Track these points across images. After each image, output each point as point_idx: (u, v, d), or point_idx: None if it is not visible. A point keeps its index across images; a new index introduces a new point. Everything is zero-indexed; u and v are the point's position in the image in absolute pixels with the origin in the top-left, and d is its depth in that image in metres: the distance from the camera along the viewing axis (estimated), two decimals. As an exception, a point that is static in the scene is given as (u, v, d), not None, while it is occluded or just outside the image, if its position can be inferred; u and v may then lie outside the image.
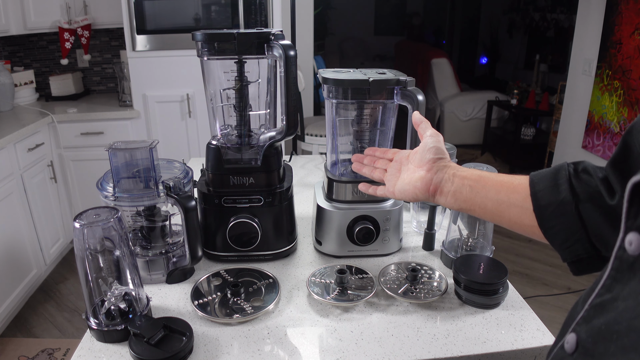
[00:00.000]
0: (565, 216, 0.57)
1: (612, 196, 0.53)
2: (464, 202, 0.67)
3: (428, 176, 0.70)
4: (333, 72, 0.95)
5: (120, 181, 0.86)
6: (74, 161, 2.77)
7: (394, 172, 0.78)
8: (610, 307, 0.37)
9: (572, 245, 0.57)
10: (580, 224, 0.56)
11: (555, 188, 0.58)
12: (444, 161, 0.71)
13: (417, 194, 0.72)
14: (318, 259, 1.01)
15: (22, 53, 3.17)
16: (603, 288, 0.39)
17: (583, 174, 0.57)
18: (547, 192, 0.59)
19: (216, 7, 2.58)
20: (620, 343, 0.35)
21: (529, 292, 2.53)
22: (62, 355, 2.09)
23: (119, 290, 0.76)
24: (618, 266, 0.38)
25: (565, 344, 0.42)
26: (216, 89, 0.98)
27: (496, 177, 0.66)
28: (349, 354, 0.72)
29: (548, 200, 0.58)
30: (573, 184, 0.57)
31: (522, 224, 0.63)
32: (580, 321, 0.41)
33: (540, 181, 0.60)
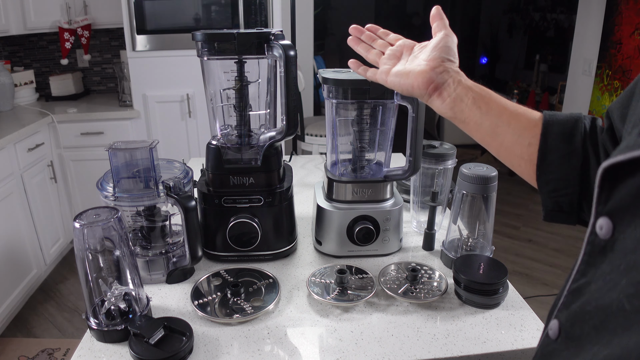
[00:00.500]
0: (568, 168, 0.55)
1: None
2: (460, 112, 0.63)
3: (432, 74, 0.64)
4: (333, 72, 0.95)
5: (120, 181, 0.86)
6: (74, 161, 2.77)
7: (392, 57, 0.72)
8: (585, 291, 0.38)
9: (561, 197, 0.56)
10: (579, 182, 0.54)
11: (569, 137, 0.55)
12: (453, 65, 0.66)
13: (414, 88, 0.66)
14: (318, 259, 1.01)
15: (22, 53, 3.17)
16: (578, 273, 0.40)
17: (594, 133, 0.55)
18: (559, 137, 0.56)
19: (216, 7, 2.58)
20: (591, 323, 0.36)
21: (529, 292, 2.53)
22: (62, 355, 2.09)
23: (119, 290, 0.76)
24: (590, 251, 0.38)
25: (549, 331, 0.42)
26: (216, 89, 0.98)
27: (501, 100, 0.62)
28: (349, 354, 0.72)
29: (557, 145, 0.56)
30: (586, 139, 0.55)
31: (512, 152, 0.61)
32: (561, 307, 0.42)
33: (556, 124, 0.57)
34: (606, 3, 3.06)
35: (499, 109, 0.61)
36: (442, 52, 0.65)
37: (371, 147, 1.01)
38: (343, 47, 7.39)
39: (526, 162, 0.59)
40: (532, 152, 0.58)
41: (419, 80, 0.65)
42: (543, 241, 3.13)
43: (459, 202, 0.92)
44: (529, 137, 0.58)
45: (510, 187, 3.94)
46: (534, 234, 3.22)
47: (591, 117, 0.58)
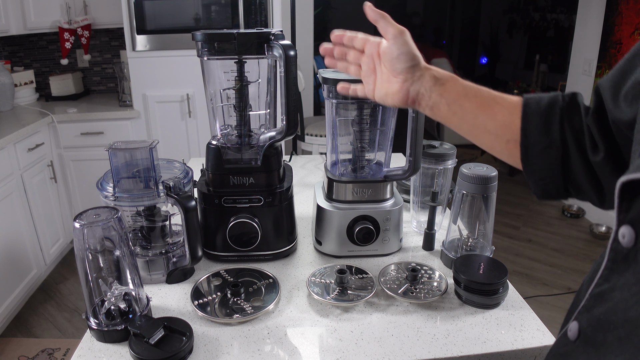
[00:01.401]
0: (549, 159, 0.57)
1: (595, 151, 0.54)
2: (440, 117, 0.66)
3: (404, 88, 0.66)
4: (333, 72, 0.95)
5: (120, 181, 0.86)
6: (74, 161, 2.77)
7: (369, 71, 0.72)
8: (608, 297, 0.38)
9: (547, 184, 0.59)
10: (561, 170, 0.57)
11: (546, 128, 0.57)
12: (419, 69, 0.66)
13: (397, 104, 0.69)
14: (318, 259, 1.01)
15: (22, 53, 3.17)
16: (601, 278, 0.40)
17: (575, 115, 0.56)
18: (537, 131, 0.58)
19: (216, 7, 2.58)
20: (616, 333, 0.36)
21: (529, 292, 2.53)
22: (62, 355, 2.09)
23: (119, 290, 0.76)
24: (613, 257, 0.39)
25: (569, 332, 0.42)
26: (216, 89, 0.98)
27: (476, 97, 0.63)
28: (349, 354, 0.72)
29: (536, 139, 0.58)
30: (564, 127, 0.56)
31: (494, 150, 0.63)
32: (582, 310, 0.42)
33: (533, 116, 0.58)
34: (606, 3, 3.06)
35: (474, 111, 0.62)
36: (403, 63, 0.66)
37: (371, 147, 1.01)
38: (343, 47, 7.36)
39: (507, 156, 0.62)
40: (512, 148, 0.60)
41: (396, 99, 0.68)
42: (543, 241, 3.13)
43: (459, 202, 0.92)
44: (507, 135, 0.60)
45: (510, 187, 3.94)
46: (534, 234, 3.22)
47: (570, 95, 0.58)
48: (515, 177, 4.17)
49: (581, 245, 3.05)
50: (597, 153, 0.54)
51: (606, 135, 0.54)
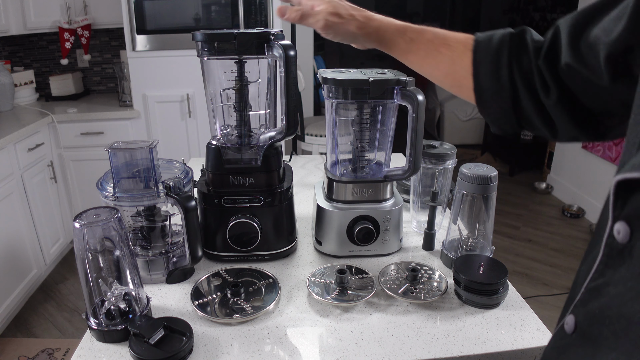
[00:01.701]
0: (501, 102, 0.61)
1: (547, 93, 0.56)
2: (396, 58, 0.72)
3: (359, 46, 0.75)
4: (333, 72, 0.95)
5: (120, 181, 0.86)
6: (74, 161, 2.77)
7: None
8: (603, 292, 0.39)
9: (502, 124, 0.64)
10: (513, 111, 0.61)
11: (496, 73, 0.60)
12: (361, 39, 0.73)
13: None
14: (318, 259, 1.01)
15: (22, 53, 3.17)
16: (596, 273, 0.40)
17: (524, 56, 0.58)
18: (487, 77, 0.61)
19: (216, 7, 2.58)
20: (612, 328, 0.36)
21: (529, 292, 2.53)
22: (62, 355, 2.09)
23: (119, 290, 0.76)
24: (608, 253, 0.39)
25: (565, 325, 0.43)
26: (216, 89, 0.98)
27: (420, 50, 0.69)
28: (349, 354, 0.72)
29: (487, 85, 0.61)
30: (513, 69, 0.59)
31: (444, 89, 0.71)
32: (578, 303, 0.42)
33: (482, 63, 0.62)
34: (606, 3, 3.06)
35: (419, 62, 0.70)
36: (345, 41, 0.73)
37: (371, 147, 1.01)
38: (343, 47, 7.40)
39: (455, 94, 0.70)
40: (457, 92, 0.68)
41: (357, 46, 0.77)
42: (543, 241, 3.13)
43: (459, 202, 0.92)
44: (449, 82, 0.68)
45: (510, 187, 3.94)
46: (534, 234, 3.22)
47: (519, 33, 0.60)
48: (515, 177, 4.18)
49: (581, 245, 3.05)
50: (549, 95, 0.56)
51: (559, 78, 0.56)
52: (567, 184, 3.67)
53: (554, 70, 0.55)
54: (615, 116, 0.55)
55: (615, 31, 0.47)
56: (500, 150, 4.48)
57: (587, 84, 0.53)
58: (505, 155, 4.38)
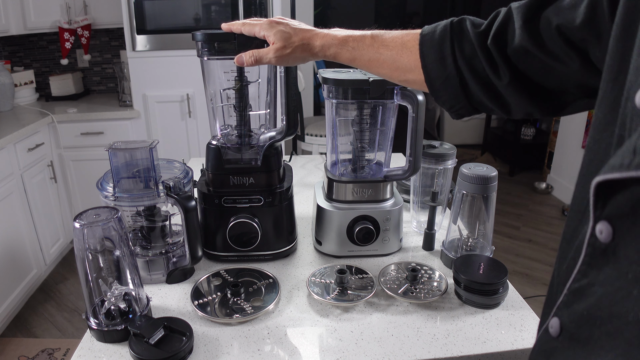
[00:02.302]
0: (451, 89, 0.65)
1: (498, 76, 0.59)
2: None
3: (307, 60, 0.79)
4: (333, 72, 0.95)
5: (120, 181, 0.86)
6: (74, 161, 2.77)
7: None
8: (588, 292, 0.38)
9: (458, 109, 0.67)
10: (464, 96, 0.64)
11: (442, 62, 0.64)
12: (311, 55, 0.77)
13: None
14: (318, 259, 1.01)
15: (22, 53, 3.17)
16: (579, 274, 0.40)
17: (465, 43, 0.62)
18: (435, 66, 0.65)
19: (216, 7, 2.59)
20: (604, 329, 0.36)
21: (529, 292, 2.53)
22: (62, 355, 2.09)
23: (119, 290, 0.76)
24: (591, 253, 0.39)
25: (550, 328, 0.43)
26: (216, 89, 0.98)
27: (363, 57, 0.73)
28: (349, 354, 0.72)
29: (436, 75, 0.65)
30: (456, 57, 0.63)
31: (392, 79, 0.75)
32: (560, 305, 0.42)
33: (428, 54, 0.65)
34: (606, 3, 3.06)
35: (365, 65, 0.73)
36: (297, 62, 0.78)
37: (371, 147, 1.01)
38: (343, 47, 7.36)
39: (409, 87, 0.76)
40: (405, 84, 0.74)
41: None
42: (543, 241, 3.13)
43: (459, 202, 0.92)
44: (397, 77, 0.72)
45: (510, 187, 3.94)
46: (534, 234, 3.22)
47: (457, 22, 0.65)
48: (515, 177, 4.17)
49: (581, 245, 3.05)
50: (500, 77, 0.59)
51: (509, 60, 0.58)
52: (567, 184, 3.67)
53: (504, 52, 0.58)
54: (570, 94, 0.58)
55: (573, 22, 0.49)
56: (500, 150, 4.48)
57: (543, 67, 0.55)
58: (505, 155, 4.37)
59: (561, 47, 0.52)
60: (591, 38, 0.48)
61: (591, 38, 0.48)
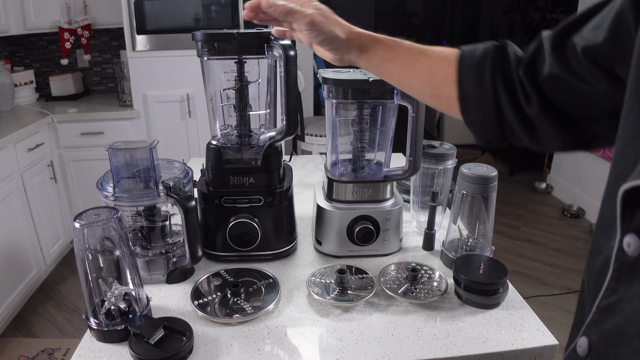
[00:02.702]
0: (484, 109, 0.61)
1: (529, 103, 0.57)
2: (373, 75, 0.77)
3: (336, 59, 0.73)
4: (333, 72, 0.95)
5: (120, 181, 0.86)
6: (74, 161, 2.77)
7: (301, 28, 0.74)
8: (617, 309, 0.37)
9: (486, 133, 0.64)
10: (495, 118, 0.61)
11: (479, 79, 0.61)
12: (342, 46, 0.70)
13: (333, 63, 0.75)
14: (318, 259, 1.01)
15: (22, 53, 3.17)
16: (607, 290, 0.39)
17: (505, 65, 0.59)
18: (471, 83, 0.62)
19: (216, 7, 2.58)
20: (632, 347, 0.35)
21: (529, 292, 2.53)
22: (62, 355, 2.09)
23: (119, 290, 0.76)
24: (619, 268, 0.38)
25: (578, 348, 0.41)
26: (216, 89, 0.98)
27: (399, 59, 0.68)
28: (349, 354, 0.72)
29: (472, 92, 0.62)
30: (496, 77, 0.60)
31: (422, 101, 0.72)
32: (589, 324, 0.41)
33: (467, 69, 0.62)
34: (606, 3, 3.06)
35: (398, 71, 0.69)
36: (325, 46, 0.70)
37: (371, 147, 1.01)
38: (343, 47, 7.35)
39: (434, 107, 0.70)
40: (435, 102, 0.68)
41: (333, 60, 0.73)
42: (543, 241, 3.13)
43: (459, 202, 0.92)
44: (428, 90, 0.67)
45: (510, 187, 3.94)
46: (534, 234, 3.22)
47: (502, 44, 0.61)
48: (515, 177, 4.18)
49: (581, 245, 3.05)
50: (531, 105, 0.57)
51: (540, 88, 0.56)
52: (567, 184, 3.67)
53: (535, 81, 0.56)
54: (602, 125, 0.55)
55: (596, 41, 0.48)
56: (500, 150, 4.48)
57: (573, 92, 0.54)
58: (505, 155, 4.37)
59: (588, 68, 0.50)
60: (616, 55, 0.47)
61: (616, 55, 0.47)
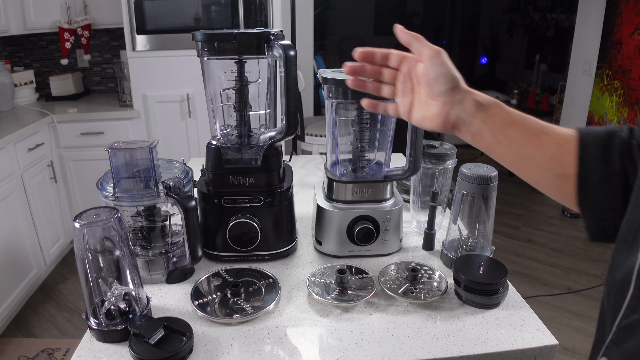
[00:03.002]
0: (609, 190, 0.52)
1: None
2: (482, 146, 0.61)
3: (443, 112, 0.61)
4: (333, 72, 0.95)
5: (120, 181, 0.86)
6: (74, 161, 2.77)
7: (406, 91, 0.65)
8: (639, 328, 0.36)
9: (606, 220, 0.53)
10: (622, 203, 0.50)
11: (605, 156, 0.52)
12: (459, 92, 0.60)
13: (435, 128, 0.63)
14: (318, 259, 1.01)
15: (22, 53, 3.17)
16: (628, 309, 0.38)
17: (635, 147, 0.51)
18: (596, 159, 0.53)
19: (216, 7, 2.58)
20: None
21: (529, 292, 2.53)
22: (62, 355, 2.09)
23: (119, 290, 0.76)
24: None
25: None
26: (216, 89, 0.98)
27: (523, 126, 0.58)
28: (349, 354, 0.72)
29: (595, 168, 0.53)
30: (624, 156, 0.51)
31: (540, 184, 0.58)
32: (610, 344, 0.40)
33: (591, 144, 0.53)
34: (606, 3, 3.06)
35: (521, 140, 0.57)
36: (442, 84, 0.60)
37: (371, 147, 1.01)
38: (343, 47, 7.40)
39: (555, 192, 0.57)
40: (560, 183, 0.56)
41: (435, 123, 0.62)
42: (543, 241, 3.13)
43: (459, 202, 0.92)
44: (556, 168, 0.55)
45: (510, 187, 3.94)
46: (534, 234, 3.22)
47: (628, 127, 0.54)
48: (515, 177, 4.15)
49: (581, 245, 3.05)
50: None
51: None
52: (567, 184, 3.66)
53: None
54: None
55: None
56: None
57: None
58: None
59: None
60: None
61: None
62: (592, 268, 2.79)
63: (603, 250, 2.95)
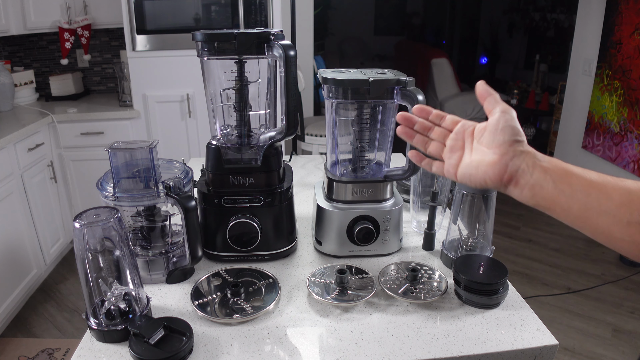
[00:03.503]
0: None
1: None
2: (543, 199, 0.58)
3: (502, 162, 0.59)
4: (333, 72, 0.95)
5: (120, 181, 0.86)
6: (74, 161, 2.77)
7: (455, 148, 0.65)
8: None
9: None
10: None
11: None
12: (522, 145, 0.59)
13: (487, 181, 0.61)
14: (318, 259, 1.01)
15: (22, 53, 3.17)
16: None
17: None
18: None
19: (216, 7, 2.58)
20: None
21: (529, 292, 2.53)
22: (62, 355, 2.09)
23: (119, 290, 0.76)
24: None
25: None
26: (216, 89, 0.98)
27: (585, 175, 0.55)
28: (349, 354, 0.72)
29: None
30: None
31: (611, 236, 0.54)
32: None
33: None
34: (606, 3, 3.06)
35: (585, 188, 0.54)
36: (507, 135, 0.59)
37: (371, 147, 1.01)
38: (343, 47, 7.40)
39: (629, 243, 0.52)
40: (634, 232, 0.51)
41: (490, 172, 0.60)
42: (543, 241, 3.13)
43: (459, 202, 0.92)
44: (627, 215, 0.51)
45: (510, 187, 3.93)
46: (534, 234, 3.22)
47: None
48: (515, 177, 4.17)
49: (581, 245, 3.05)
50: None
51: None
52: (567, 184, 3.66)
53: None
54: None
55: None
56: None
57: None
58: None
59: None
60: None
61: None
62: (592, 268, 2.79)
63: (603, 250, 2.95)
